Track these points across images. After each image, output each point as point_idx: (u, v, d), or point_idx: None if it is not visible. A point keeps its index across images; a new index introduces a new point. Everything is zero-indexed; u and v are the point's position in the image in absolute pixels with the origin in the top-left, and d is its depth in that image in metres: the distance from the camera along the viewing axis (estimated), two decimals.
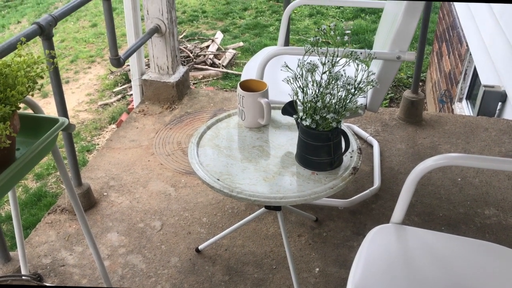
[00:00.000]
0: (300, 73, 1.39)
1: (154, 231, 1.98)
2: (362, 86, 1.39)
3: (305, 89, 1.40)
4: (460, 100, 4.04)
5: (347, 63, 1.37)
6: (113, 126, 5.38)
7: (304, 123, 1.40)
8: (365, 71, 1.38)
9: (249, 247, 1.90)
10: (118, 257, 1.87)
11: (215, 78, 5.60)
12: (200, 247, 1.87)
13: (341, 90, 1.37)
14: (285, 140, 1.59)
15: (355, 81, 1.37)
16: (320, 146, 1.42)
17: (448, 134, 2.56)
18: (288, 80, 1.40)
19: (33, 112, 1.26)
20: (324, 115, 1.37)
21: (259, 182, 1.41)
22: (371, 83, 1.37)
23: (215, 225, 2.00)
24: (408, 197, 1.35)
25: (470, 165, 1.39)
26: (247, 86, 1.64)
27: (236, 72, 5.63)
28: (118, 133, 2.60)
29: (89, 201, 2.08)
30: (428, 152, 2.43)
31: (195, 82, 5.59)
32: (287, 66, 1.40)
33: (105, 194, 2.17)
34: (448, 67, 4.45)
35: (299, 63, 1.38)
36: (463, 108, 3.92)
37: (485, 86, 3.09)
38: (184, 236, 1.95)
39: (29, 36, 1.50)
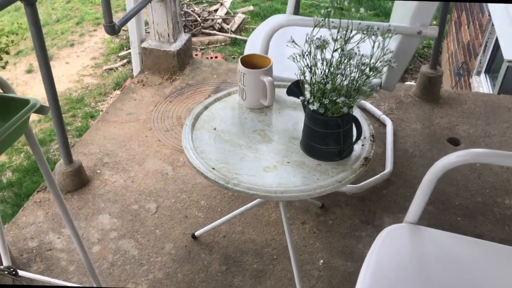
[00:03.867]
0: (308, 49, 1.22)
1: (148, 213, 1.86)
2: (378, 66, 1.22)
3: (313, 68, 1.23)
4: (479, 73, 3.82)
5: (362, 39, 1.19)
6: (118, 92, 5.23)
7: (311, 107, 1.24)
8: (380, 47, 1.20)
9: (249, 234, 1.78)
10: (109, 241, 1.75)
11: (223, 44, 5.39)
12: (196, 233, 1.75)
13: (354, 70, 1.20)
14: (290, 123, 1.43)
15: (371, 60, 1.20)
16: (328, 134, 1.27)
17: (467, 113, 2.39)
18: (294, 58, 1.23)
19: (2, 92, 1.11)
20: (334, 98, 1.21)
21: (258, 172, 1.27)
22: (389, 63, 1.20)
23: (214, 209, 1.87)
24: (425, 196, 1.21)
25: (499, 164, 1.23)
26: (250, 62, 1.48)
27: (245, 38, 5.41)
28: (114, 105, 2.45)
29: (80, 180, 1.96)
30: (445, 133, 2.26)
31: (202, 47, 5.39)
32: (293, 41, 1.23)
33: (98, 171, 2.04)
34: (467, 38, 4.21)
35: (307, 39, 1.21)
36: (481, 83, 3.71)
37: (509, 61, 2.88)
38: (180, 220, 1.82)
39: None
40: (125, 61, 5.51)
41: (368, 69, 1.20)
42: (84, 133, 3.98)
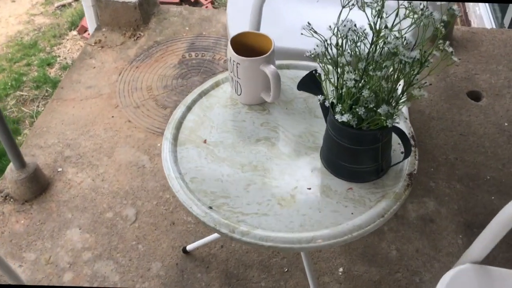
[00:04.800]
0: (336, 42, 0.86)
1: (126, 223, 1.53)
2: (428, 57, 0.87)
3: (344, 68, 0.87)
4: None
5: (417, 23, 0.83)
6: (74, 32, 4.69)
7: (338, 117, 0.89)
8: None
9: None
10: (83, 265, 1.44)
11: None
12: (188, 248, 1.45)
13: (401, 67, 0.85)
14: (303, 126, 1.09)
15: (423, 50, 0.85)
16: (362, 151, 0.94)
17: (486, 58, 2.06)
18: (314, 55, 0.87)
19: None
20: (372, 106, 0.87)
21: (272, 209, 0.94)
22: (449, 56, 0.85)
23: None
24: (494, 239, 0.90)
25: None
26: (242, 43, 1.10)
27: None
28: (70, 77, 2.03)
29: (38, 185, 1.60)
30: (463, 85, 1.95)
31: None
32: (312, 28, 0.86)
33: (59, 170, 1.68)
34: None
35: (332, 28, 0.84)
36: (481, 16, 3.31)
37: None
38: (167, 229, 1.51)
39: None
40: None
41: (419, 64, 0.85)
42: (43, 84, 3.50)
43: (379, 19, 0.83)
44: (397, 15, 0.83)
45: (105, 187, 1.63)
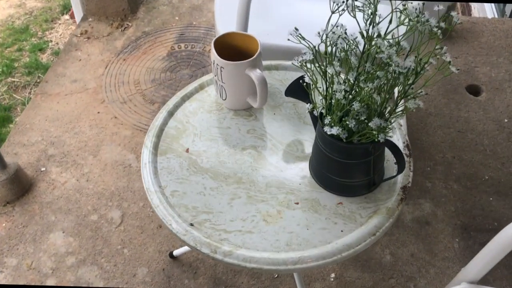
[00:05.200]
0: (325, 51, 0.79)
1: (112, 226, 1.48)
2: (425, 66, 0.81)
3: (333, 77, 0.81)
4: None
5: (412, 30, 0.76)
6: (67, 17, 4.58)
7: (327, 130, 0.83)
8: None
9: None
10: (66, 271, 1.39)
11: None
12: (175, 252, 1.40)
13: (395, 76, 0.79)
14: (291, 133, 1.03)
15: (418, 58, 0.79)
16: (352, 165, 0.88)
17: (486, 50, 1.98)
18: (302, 64, 0.80)
19: None
20: (363, 119, 0.81)
21: (257, 226, 0.89)
22: (447, 66, 0.79)
23: None
24: (492, 260, 0.85)
25: None
26: (226, 44, 1.03)
27: None
28: (55, 70, 1.96)
29: (20, 186, 1.54)
30: (462, 79, 1.88)
31: None
32: (300, 35, 0.79)
33: (43, 169, 1.62)
34: None
35: (321, 35, 0.78)
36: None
37: None
38: (153, 233, 1.46)
39: None
40: None
41: (414, 74, 0.79)
42: (35, 70, 3.42)
43: (370, 27, 0.76)
44: (390, 21, 0.76)
45: (90, 187, 1.57)
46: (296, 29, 0.81)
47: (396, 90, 0.82)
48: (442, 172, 1.59)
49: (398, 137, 1.00)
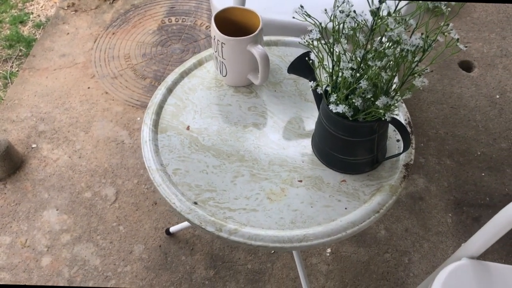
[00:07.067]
0: (332, 29, 0.78)
1: (106, 203, 1.47)
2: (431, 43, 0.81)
3: (339, 56, 0.80)
4: None
5: (421, 9, 0.75)
6: None
7: (332, 108, 0.83)
8: None
9: None
10: (61, 248, 1.38)
11: None
12: (172, 229, 1.40)
13: (401, 53, 0.78)
14: (293, 110, 1.02)
15: (425, 35, 0.79)
16: (357, 143, 0.88)
17: (478, 25, 1.98)
18: (308, 42, 0.79)
19: None
20: (369, 97, 0.80)
21: (261, 204, 0.89)
22: (455, 43, 0.79)
23: None
24: (494, 236, 0.86)
25: None
26: (226, 19, 1.01)
27: None
28: (42, 44, 1.91)
29: (11, 163, 1.52)
30: (455, 55, 1.88)
31: None
32: (305, 13, 0.78)
33: (34, 146, 1.60)
34: None
35: (327, 11, 0.76)
36: None
37: None
38: (149, 210, 1.46)
39: None
40: None
41: (422, 51, 0.79)
42: (16, 43, 3.35)
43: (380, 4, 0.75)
44: None
45: (82, 164, 1.55)
46: (301, 6, 0.79)
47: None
48: (435, 148, 1.60)
49: (400, 114, 1.00)
